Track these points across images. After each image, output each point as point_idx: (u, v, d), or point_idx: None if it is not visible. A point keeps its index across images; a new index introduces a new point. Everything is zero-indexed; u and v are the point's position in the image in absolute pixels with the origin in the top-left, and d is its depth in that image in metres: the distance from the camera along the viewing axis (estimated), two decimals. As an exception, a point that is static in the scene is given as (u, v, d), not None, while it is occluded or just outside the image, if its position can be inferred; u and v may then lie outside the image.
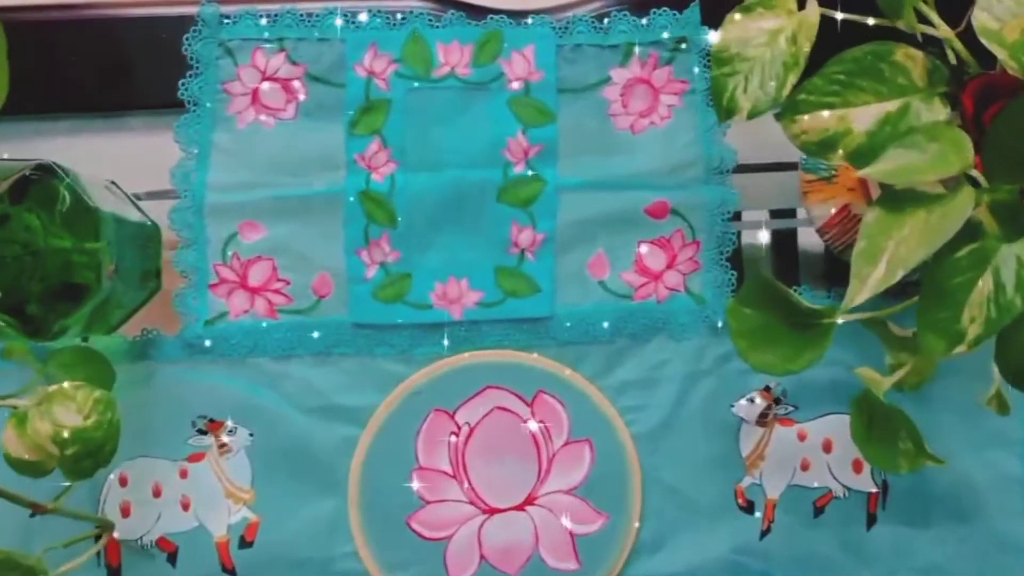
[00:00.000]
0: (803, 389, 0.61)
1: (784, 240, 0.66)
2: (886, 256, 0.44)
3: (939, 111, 0.46)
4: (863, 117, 0.46)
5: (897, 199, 0.45)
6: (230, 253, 0.60)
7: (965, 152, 0.44)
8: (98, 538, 0.54)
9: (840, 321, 0.49)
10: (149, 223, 0.59)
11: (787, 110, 0.47)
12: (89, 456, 0.45)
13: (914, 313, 0.47)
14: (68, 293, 0.50)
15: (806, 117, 0.46)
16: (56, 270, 0.49)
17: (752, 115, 0.46)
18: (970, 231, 0.44)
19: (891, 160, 0.44)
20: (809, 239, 0.65)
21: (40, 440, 0.43)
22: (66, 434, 0.44)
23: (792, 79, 0.45)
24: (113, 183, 0.58)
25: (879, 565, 0.61)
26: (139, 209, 0.58)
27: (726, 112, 0.46)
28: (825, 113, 0.46)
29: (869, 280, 0.44)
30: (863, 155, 0.46)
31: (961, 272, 0.44)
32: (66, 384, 0.45)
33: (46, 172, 0.49)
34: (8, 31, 0.43)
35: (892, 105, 0.46)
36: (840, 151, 0.46)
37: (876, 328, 0.52)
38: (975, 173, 0.44)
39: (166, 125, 0.59)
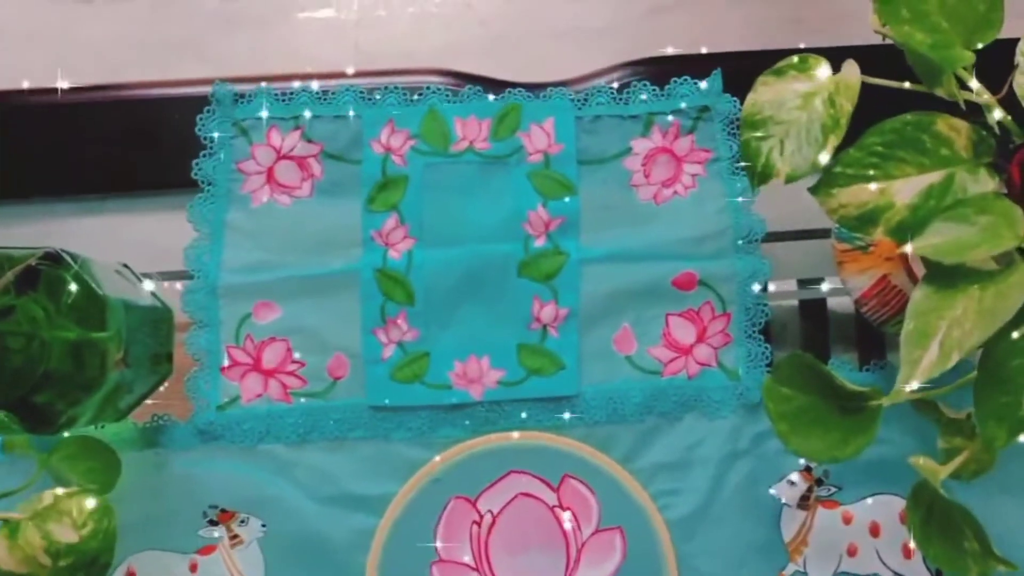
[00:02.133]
0: (846, 468, 0.57)
1: (813, 308, 0.63)
2: (938, 338, 0.41)
3: (986, 182, 0.43)
4: (905, 190, 0.43)
5: (946, 276, 0.42)
6: (244, 335, 0.58)
7: (1017, 225, 0.41)
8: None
9: (887, 404, 0.46)
10: (160, 305, 0.57)
11: (823, 183, 0.44)
12: (83, 568, 0.43)
13: (966, 392, 0.44)
14: (75, 383, 0.48)
15: (844, 190, 0.44)
16: (62, 360, 0.47)
17: (790, 179, 0.43)
18: (1027, 309, 0.41)
19: (938, 234, 0.42)
20: (839, 302, 0.62)
21: (32, 551, 0.41)
22: (60, 545, 0.41)
23: (834, 141, 0.43)
24: (125, 266, 0.57)
25: (936, 659, 0.57)
26: (151, 292, 0.57)
27: (761, 177, 0.44)
28: (864, 186, 0.43)
29: (921, 364, 0.41)
30: (906, 229, 0.43)
31: (1020, 354, 0.41)
32: (59, 493, 0.43)
33: (53, 260, 0.48)
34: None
35: (935, 177, 0.43)
36: (881, 226, 0.44)
37: (927, 410, 0.49)
38: (1028, 247, 0.41)
39: (180, 205, 0.58)
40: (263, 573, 0.57)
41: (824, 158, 0.43)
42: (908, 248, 0.41)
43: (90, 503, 0.44)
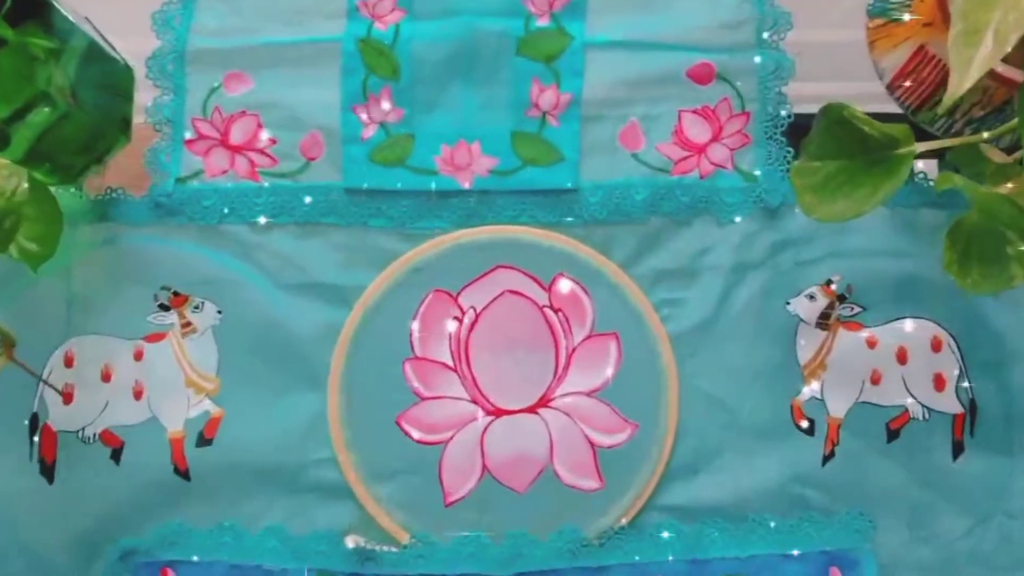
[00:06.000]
0: (872, 286, 0.52)
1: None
2: (991, 28, 0.35)
3: None
4: None
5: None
6: (211, 106, 0.53)
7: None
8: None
9: (920, 150, 0.41)
10: (121, 63, 0.52)
11: None
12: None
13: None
14: (10, 88, 0.43)
15: None
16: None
17: None
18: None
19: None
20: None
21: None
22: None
23: None
24: (87, 20, 0.52)
25: (969, 506, 0.50)
26: (112, 48, 0.52)
27: None
28: None
29: (975, 61, 0.35)
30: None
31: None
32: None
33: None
34: None
35: None
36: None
37: (970, 160, 0.43)
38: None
39: (151, -32, 0.54)
40: (216, 365, 0.51)
41: None
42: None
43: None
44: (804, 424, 0.51)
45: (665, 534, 0.49)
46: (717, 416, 0.51)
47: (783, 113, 0.53)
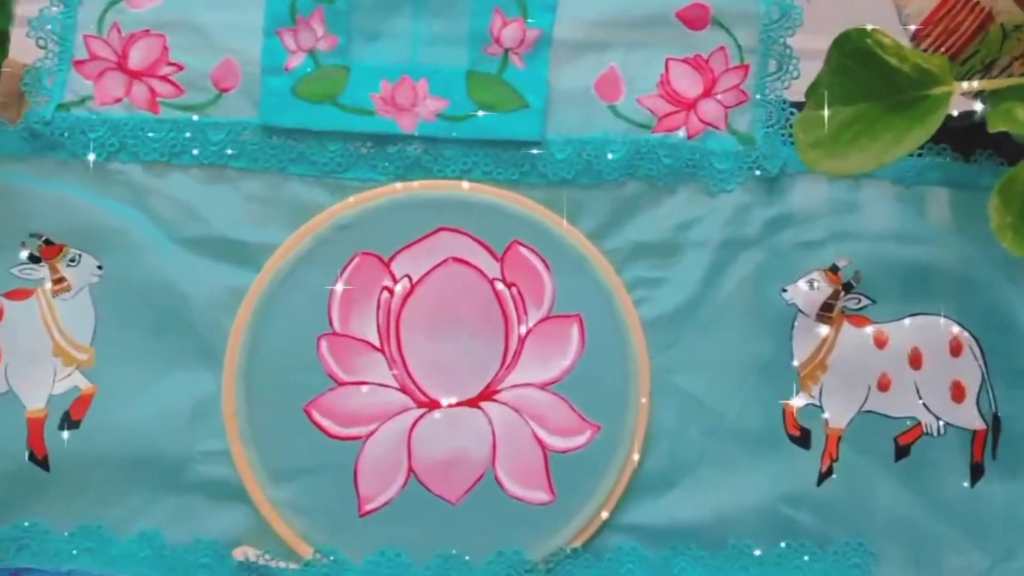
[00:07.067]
0: (884, 275, 0.44)
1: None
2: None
3: None
4: None
5: None
6: (109, 23, 0.44)
7: None
8: None
9: (961, 90, 0.33)
10: (-3, -38, 0.43)
11: None
12: None
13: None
14: None
15: None
16: None
17: None
18: None
19: None
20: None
21: None
22: None
23: None
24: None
25: (988, 539, 0.43)
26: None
27: None
28: None
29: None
30: None
31: None
32: None
33: None
34: None
35: None
36: None
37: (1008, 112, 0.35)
38: None
39: None
40: (92, 330, 0.42)
41: None
42: None
43: None
44: (797, 434, 0.43)
45: (627, 561, 0.41)
46: (695, 420, 0.43)
47: (788, 68, 0.45)
